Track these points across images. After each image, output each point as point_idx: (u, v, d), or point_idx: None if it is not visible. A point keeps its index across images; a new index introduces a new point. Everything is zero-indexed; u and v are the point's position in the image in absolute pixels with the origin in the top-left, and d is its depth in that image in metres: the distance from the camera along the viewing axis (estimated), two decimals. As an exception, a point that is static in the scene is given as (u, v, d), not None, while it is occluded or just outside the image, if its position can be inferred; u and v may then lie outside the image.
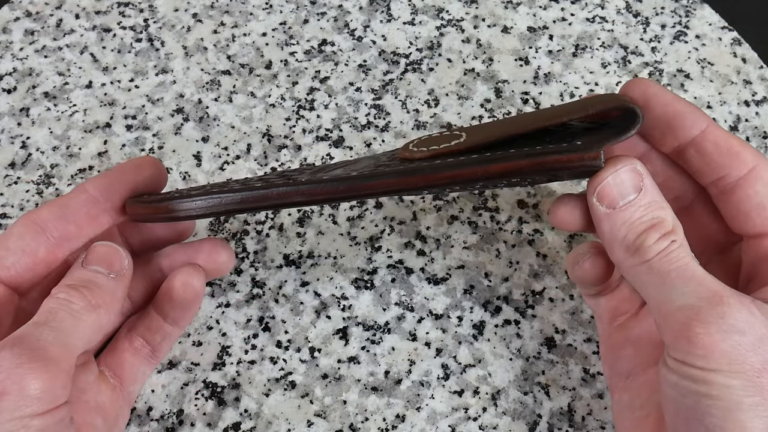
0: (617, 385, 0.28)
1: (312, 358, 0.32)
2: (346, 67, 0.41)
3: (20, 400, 0.21)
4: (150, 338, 0.29)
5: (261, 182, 0.28)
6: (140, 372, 0.29)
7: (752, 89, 0.40)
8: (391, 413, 0.31)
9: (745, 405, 0.21)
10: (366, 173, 0.25)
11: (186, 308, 0.29)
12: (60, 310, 0.24)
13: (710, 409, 0.22)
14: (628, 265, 0.25)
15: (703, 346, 0.22)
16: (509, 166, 0.24)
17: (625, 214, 0.25)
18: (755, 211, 0.26)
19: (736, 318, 0.22)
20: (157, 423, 0.31)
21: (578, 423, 0.31)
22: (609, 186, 0.25)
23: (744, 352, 0.22)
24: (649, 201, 0.25)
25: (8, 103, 0.39)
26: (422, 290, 0.34)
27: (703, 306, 0.22)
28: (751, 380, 0.21)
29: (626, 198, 0.25)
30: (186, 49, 0.41)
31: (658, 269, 0.24)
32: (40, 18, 0.42)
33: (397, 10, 0.43)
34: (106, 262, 0.26)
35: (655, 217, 0.25)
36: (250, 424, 0.31)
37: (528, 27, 0.42)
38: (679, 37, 0.42)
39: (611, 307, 0.29)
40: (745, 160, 0.26)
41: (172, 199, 0.27)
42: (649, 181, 0.25)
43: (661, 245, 0.24)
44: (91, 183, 0.27)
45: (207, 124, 0.39)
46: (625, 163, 0.25)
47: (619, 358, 0.28)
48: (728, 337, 0.22)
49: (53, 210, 0.27)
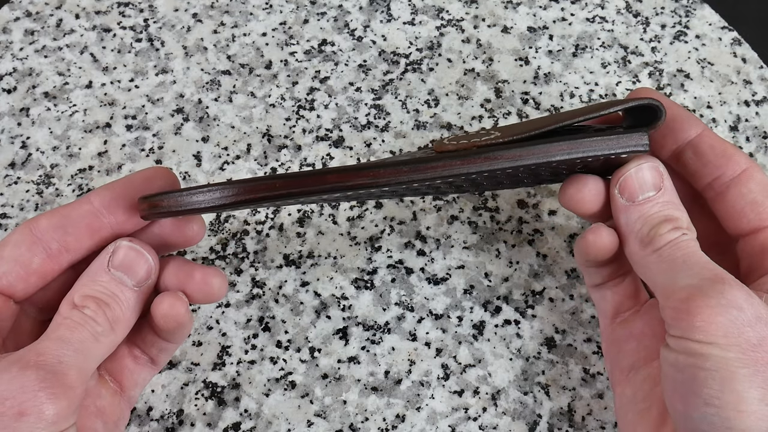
0: (620, 379, 0.28)
1: (312, 358, 0.32)
2: (346, 67, 0.41)
3: (38, 422, 0.22)
4: (147, 350, 0.29)
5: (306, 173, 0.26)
6: (141, 378, 0.29)
7: (752, 89, 0.40)
8: (391, 413, 0.31)
9: (740, 375, 0.22)
10: (425, 157, 0.25)
11: (172, 334, 0.28)
12: (84, 329, 0.24)
13: (707, 381, 0.23)
14: (641, 256, 0.26)
15: (702, 318, 0.23)
16: (564, 149, 0.25)
17: (642, 208, 0.26)
18: (749, 207, 0.27)
19: (735, 295, 0.23)
20: (157, 423, 0.31)
21: (578, 423, 0.31)
22: (631, 179, 0.27)
23: (741, 326, 0.23)
24: (667, 200, 0.27)
25: (8, 103, 0.39)
26: (422, 290, 0.34)
27: (705, 284, 0.23)
28: (747, 353, 0.22)
29: (646, 193, 0.27)
30: (186, 49, 0.41)
31: (667, 256, 0.25)
32: (40, 18, 0.42)
33: (397, 10, 0.43)
34: (132, 269, 0.26)
35: (670, 214, 0.26)
36: (250, 424, 0.31)
37: (528, 27, 0.42)
38: (679, 37, 0.42)
39: (616, 302, 0.29)
40: (738, 162, 0.28)
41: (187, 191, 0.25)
42: (669, 183, 0.27)
43: (672, 235, 0.25)
44: (96, 195, 0.27)
45: (207, 124, 0.39)
46: (649, 161, 0.27)
47: (621, 352, 0.29)
48: (726, 311, 0.23)
49: (53, 220, 0.26)
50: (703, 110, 0.39)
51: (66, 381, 0.23)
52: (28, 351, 0.23)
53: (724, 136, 0.38)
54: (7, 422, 0.21)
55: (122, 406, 0.28)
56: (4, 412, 0.22)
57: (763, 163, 0.37)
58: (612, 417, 0.31)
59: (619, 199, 0.27)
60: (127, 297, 0.25)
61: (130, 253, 0.26)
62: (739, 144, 0.38)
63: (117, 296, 0.25)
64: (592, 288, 0.30)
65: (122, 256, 0.26)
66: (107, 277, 0.25)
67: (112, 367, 0.28)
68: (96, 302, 0.25)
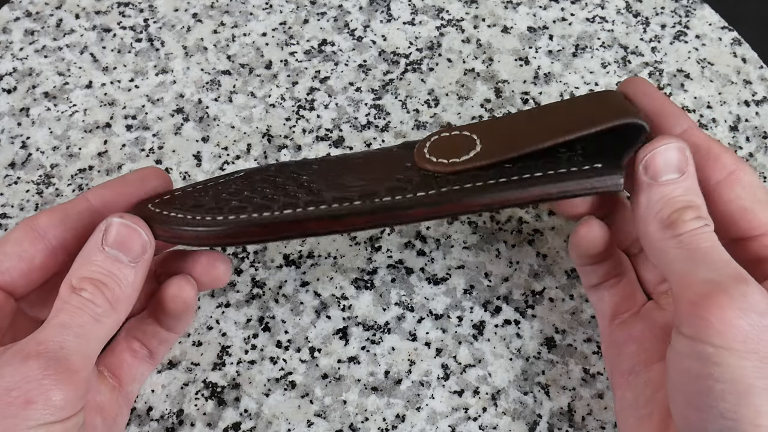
0: (619, 382, 0.28)
1: (312, 358, 0.32)
2: (346, 67, 0.41)
3: (45, 409, 0.22)
4: (147, 342, 0.29)
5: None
6: (139, 373, 0.29)
7: (752, 89, 0.40)
8: (391, 413, 0.31)
9: (757, 388, 0.21)
10: (401, 201, 0.26)
11: (178, 318, 0.29)
12: (83, 313, 0.24)
13: (723, 394, 0.21)
14: (658, 238, 0.25)
15: (721, 320, 0.22)
16: (538, 195, 0.26)
17: (665, 189, 0.25)
18: (738, 214, 0.26)
19: (758, 300, 0.22)
20: (157, 423, 0.31)
21: (578, 423, 0.31)
22: (658, 155, 0.26)
23: (761, 333, 0.21)
24: (690, 185, 0.26)
25: (8, 103, 0.39)
26: (422, 290, 0.34)
27: (728, 282, 0.22)
28: (765, 362, 0.21)
29: (669, 174, 0.26)
30: (186, 49, 0.41)
31: (688, 244, 0.24)
32: (40, 18, 0.42)
33: (397, 10, 0.43)
34: (126, 246, 0.25)
35: (693, 201, 0.25)
36: (250, 424, 0.31)
37: (528, 27, 0.42)
38: (679, 37, 0.42)
39: (614, 304, 0.29)
40: (724, 164, 0.26)
41: (176, 224, 0.26)
42: (692, 170, 0.26)
43: (695, 224, 0.24)
44: (93, 193, 0.27)
45: (207, 124, 0.39)
46: (677, 141, 0.26)
47: (621, 355, 0.28)
48: (747, 315, 0.22)
49: (53, 217, 0.26)
50: (703, 110, 0.39)
51: (70, 366, 0.23)
52: (28, 341, 0.23)
53: (724, 136, 0.38)
54: (16, 411, 0.22)
55: (121, 402, 0.28)
56: (12, 402, 0.22)
57: (763, 163, 0.37)
58: (612, 417, 0.31)
59: (642, 176, 0.26)
60: (125, 274, 0.25)
61: (122, 230, 0.25)
62: (739, 144, 0.38)
63: (114, 274, 0.25)
64: (589, 289, 0.30)
65: (115, 233, 0.25)
66: (102, 256, 0.25)
67: (110, 362, 0.29)
68: (93, 283, 0.24)
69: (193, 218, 0.27)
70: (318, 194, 0.27)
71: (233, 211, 0.27)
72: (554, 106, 0.29)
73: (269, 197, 0.27)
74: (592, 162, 0.27)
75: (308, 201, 0.27)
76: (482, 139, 0.28)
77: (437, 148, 0.28)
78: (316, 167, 0.29)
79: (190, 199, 0.28)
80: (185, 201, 0.28)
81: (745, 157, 0.37)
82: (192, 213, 0.27)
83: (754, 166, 0.37)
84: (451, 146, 0.28)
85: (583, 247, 0.28)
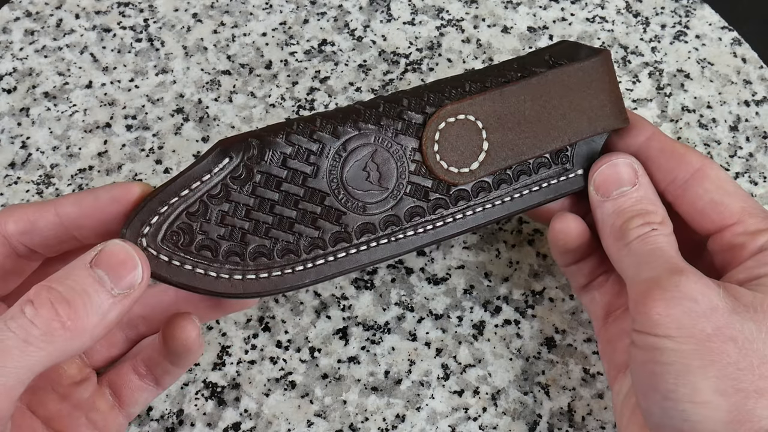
0: (616, 377, 0.28)
1: (312, 358, 0.32)
2: (346, 67, 0.41)
3: None
4: (152, 369, 0.28)
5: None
6: (142, 398, 0.28)
7: (752, 89, 0.40)
8: (391, 413, 0.31)
9: (694, 367, 0.23)
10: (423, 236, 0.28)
11: (179, 357, 0.27)
12: (9, 332, 0.21)
13: (663, 375, 0.23)
14: (615, 250, 0.27)
15: (658, 312, 0.23)
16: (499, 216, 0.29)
17: (616, 202, 0.27)
18: (709, 207, 0.27)
19: (691, 287, 0.23)
20: (157, 423, 0.31)
21: (578, 423, 0.31)
22: (604, 174, 0.27)
23: (695, 317, 0.23)
24: (642, 195, 0.27)
25: (8, 103, 0.39)
26: (422, 290, 0.34)
27: (663, 276, 0.24)
28: (701, 344, 0.23)
29: (620, 188, 0.27)
30: (186, 49, 0.41)
31: (636, 250, 0.26)
32: (40, 18, 0.42)
33: (397, 10, 0.43)
34: (116, 272, 0.22)
35: (643, 209, 0.27)
36: (250, 424, 0.31)
37: (528, 27, 0.42)
38: (679, 37, 0.42)
39: (605, 303, 0.30)
40: (690, 162, 0.27)
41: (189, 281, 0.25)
42: (645, 180, 0.27)
43: (641, 230, 0.26)
44: (61, 206, 0.25)
45: (207, 124, 0.39)
46: (622, 157, 0.28)
47: (616, 350, 0.29)
48: (681, 303, 0.23)
49: (20, 226, 0.25)
50: (703, 110, 0.39)
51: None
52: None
53: (724, 136, 0.38)
54: None
55: (121, 421, 0.27)
56: None
57: (763, 163, 0.37)
58: (612, 417, 0.31)
59: (594, 195, 0.28)
60: (100, 300, 0.22)
61: (120, 254, 0.23)
62: (739, 144, 0.38)
63: (88, 294, 0.22)
64: (580, 292, 0.31)
65: (109, 255, 0.22)
66: (84, 273, 0.22)
67: (114, 381, 0.28)
68: (49, 300, 0.21)
69: (216, 277, 0.25)
70: (341, 224, 0.27)
71: (255, 257, 0.26)
72: (547, 83, 0.28)
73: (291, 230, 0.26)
74: (577, 168, 0.29)
75: (336, 236, 0.27)
76: (488, 130, 0.28)
77: (446, 145, 0.28)
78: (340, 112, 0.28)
79: (190, 234, 0.25)
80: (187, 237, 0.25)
81: (745, 157, 0.37)
82: (204, 264, 0.25)
83: (754, 166, 0.37)
84: (459, 143, 0.28)
85: (561, 242, 0.28)
